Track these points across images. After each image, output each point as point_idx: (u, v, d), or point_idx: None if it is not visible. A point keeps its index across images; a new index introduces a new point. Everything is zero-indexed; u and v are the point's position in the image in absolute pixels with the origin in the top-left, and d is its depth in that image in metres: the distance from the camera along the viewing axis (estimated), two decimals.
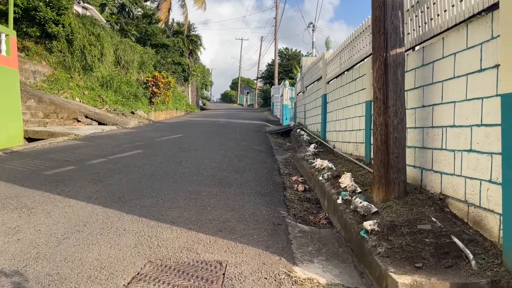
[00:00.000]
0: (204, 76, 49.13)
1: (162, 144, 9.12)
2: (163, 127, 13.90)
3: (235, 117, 22.19)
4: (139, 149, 8.14)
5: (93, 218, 3.78)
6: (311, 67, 11.34)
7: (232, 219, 3.99)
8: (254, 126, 16.35)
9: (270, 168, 7.31)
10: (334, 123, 8.34)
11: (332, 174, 5.45)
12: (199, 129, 13.47)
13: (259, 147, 9.89)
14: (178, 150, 8.38)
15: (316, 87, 10.56)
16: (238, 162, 7.42)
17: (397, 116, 3.92)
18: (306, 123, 12.40)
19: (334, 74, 8.45)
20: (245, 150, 9.13)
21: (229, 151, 8.67)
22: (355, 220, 3.80)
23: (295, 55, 41.87)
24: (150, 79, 19.89)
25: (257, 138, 11.70)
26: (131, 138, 9.92)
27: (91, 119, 12.66)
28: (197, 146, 9.17)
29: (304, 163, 7.24)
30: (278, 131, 13.28)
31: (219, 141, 10.38)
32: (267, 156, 8.73)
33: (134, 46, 20.15)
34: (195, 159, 7.36)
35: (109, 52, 17.18)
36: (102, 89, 16.25)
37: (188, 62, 29.51)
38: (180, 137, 10.82)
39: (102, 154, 7.32)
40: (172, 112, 23.17)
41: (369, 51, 6.07)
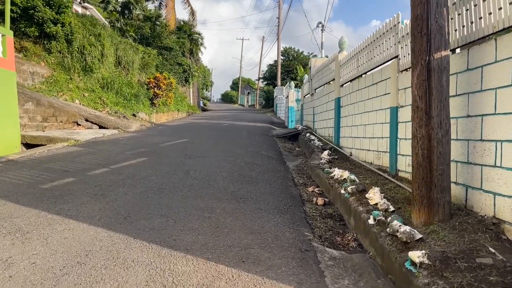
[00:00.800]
0: (205, 76, 48.63)
1: (167, 151, 8.64)
2: (166, 131, 13.43)
3: (239, 119, 21.72)
4: (143, 157, 7.67)
5: (96, 245, 3.31)
6: (321, 68, 10.87)
7: (254, 245, 3.51)
8: (260, 129, 15.88)
9: (284, 177, 6.84)
10: (350, 128, 7.87)
11: (357, 188, 4.98)
12: (203, 133, 13.00)
13: (269, 153, 9.42)
14: (184, 157, 7.90)
15: (327, 90, 10.09)
16: (249, 171, 6.95)
17: (442, 128, 3.45)
18: (315, 126, 11.93)
19: (349, 76, 7.98)
20: (254, 156, 8.66)
21: (238, 158, 8.20)
22: (395, 247, 3.33)
23: (298, 55, 41.41)
24: (151, 80, 19.42)
25: (265, 143, 11.23)
26: (134, 144, 9.44)
27: (91, 122, 12.18)
28: (204, 152, 8.70)
29: (319, 172, 6.78)
30: (285, 135, 12.81)
31: (226, 146, 9.91)
32: (278, 163, 8.26)
33: (135, 46, 19.67)
34: (203, 168, 6.89)
35: (110, 53, 16.71)
36: (103, 90, 15.78)
37: (189, 62, 29.03)
38: (185, 142, 10.34)
39: (104, 163, 6.84)
40: (174, 114, 22.70)
41: (394, 53, 5.60)
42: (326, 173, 6.54)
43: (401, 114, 5.33)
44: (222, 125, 17.04)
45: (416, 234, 3.26)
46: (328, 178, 6.19)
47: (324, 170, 6.73)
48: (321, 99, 10.99)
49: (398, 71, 5.44)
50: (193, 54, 32.22)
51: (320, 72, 11.06)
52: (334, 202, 5.51)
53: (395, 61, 5.50)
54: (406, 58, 5.14)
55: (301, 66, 32.23)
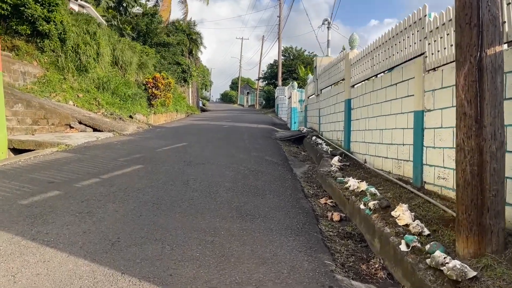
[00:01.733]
0: (204, 76, 47.98)
1: (165, 156, 8.02)
2: (164, 134, 12.80)
3: (239, 120, 21.09)
4: (138, 164, 7.05)
5: (75, 284, 2.69)
6: (329, 68, 10.26)
7: (267, 281, 2.90)
8: (262, 131, 15.26)
9: (292, 187, 6.23)
10: (363, 133, 7.26)
11: (380, 204, 4.37)
12: (203, 136, 12.37)
13: (273, 159, 8.80)
14: (183, 164, 7.28)
15: (336, 91, 9.48)
16: (254, 180, 6.34)
17: (496, 139, 2.85)
18: (321, 129, 11.33)
19: (362, 76, 7.38)
20: (258, 163, 8.05)
21: (241, 165, 7.58)
22: (441, 286, 2.72)
23: (299, 54, 40.74)
24: (149, 81, 18.78)
25: (268, 147, 10.61)
26: (130, 149, 8.81)
27: (85, 125, 11.55)
28: (205, 158, 8.08)
29: (331, 181, 6.17)
30: (289, 138, 12.19)
31: (228, 151, 9.29)
32: (284, 170, 7.65)
33: (133, 45, 19.04)
34: (204, 177, 6.27)
35: (106, 52, 16.07)
36: (98, 91, 15.14)
37: (188, 62, 28.38)
38: (184, 146, 9.72)
39: (95, 172, 6.22)
40: (172, 115, 22.05)
41: (418, 51, 4.99)
42: (340, 183, 5.94)
43: (428, 119, 4.72)
44: (222, 127, 16.42)
45: (468, 271, 2.64)
46: (342, 189, 5.59)
47: (337, 180, 6.13)
48: (328, 100, 10.38)
49: (424, 71, 4.83)
50: (193, 54, 31.56)
51: (327, 72, 10.45)
52: (351, 218, 4.90)
53: (421, 59, 4.89)
54: (435, 55, 4.52)
55: (303, 66, 31.62)
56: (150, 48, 21.65)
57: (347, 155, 7.97)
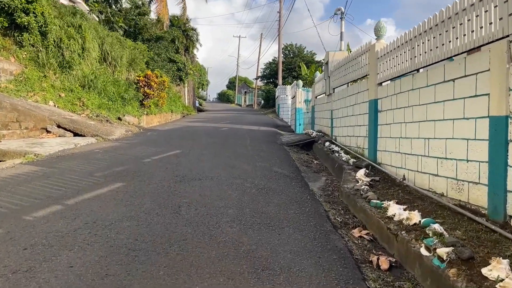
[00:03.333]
0: (201, 75, 46.52)
1: (153, 169, 6.61)
2: (155, 138, 11.37)
3: (239, 122, 19.66)
4: (118, 181, 5.64)
5: None
6: (345, 63, 8.88)
7: None
8: (265, 134, 13.86)
9: (314, 212, 4.85)
10: (396, 141, 5.89)
11: (457, 253, 2.99)
12: (200, 141, 10.96)
13: (283, 170, 7.42)
14: (175, 180, 5.88)
15: (355, 89, 8.11)
16: (265, 204, 4.95)
17: None
18: (334, 133, 9.95)
19: (395, 72, 6.01)
20: (266, 176, 6.66)
21: (246, 180, 6.19)
22: None
23: (300, 52, 39.27)
24: (141, 79, 17.34)
25: (275, 154, 9.22)
26: (112, 159, 7.39)
27: (64, 129, 10.11)
28: (201, 171, 6.68)
29: (363, 204, 4.81)
30: (297, 143, 10.82)
31: (228, 160, 7.89)
32: (299, 186, 6.28)
33: (123, 40, 17.58)
34: (201, 201, 4.88)
35: (93, 47, 14.61)
36: (83, 90, 13.68)
37: (183, 59, 26.91)
38: (177, 155, 8.31)
39: (59, 195, 4.81)
40: (167, 116, 20.61)
41: (497, 33, 3.61)
42: (376, 208, 4.57)
43: None
44: (221, 130, 15.00)
45: None
46: (382, 218, 4.21)
47: (371, 203, 4.76)
48: (344, 101, 9.00)
49: (508, 61, 3.45)
50: (188, 51, 30.07)
51: (343, 68, 9.07)
52: (405, 265, 3.52)
53: (503, 44, 3.52)
54: None
55: (304, 64, 30.20)
56: (142, 44, 20.20)
57: (373, 166, 6.60)
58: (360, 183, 5.93)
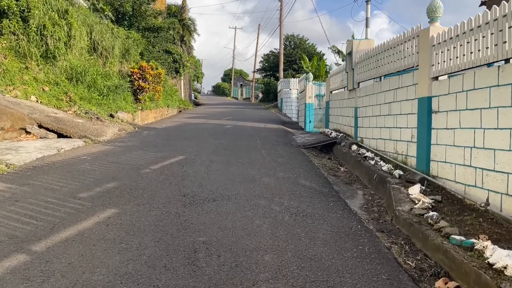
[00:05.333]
0: (197, 67, 44.89)
1: (153, 185, 5.27)
2: (153, 139, 9.98)
3: (242, 118, 18.25)
4: (109, 206, 4.30)
5: None
6: (377, 53, 7.57)
7: None
8: (274, 133, 12.51)
9: (377, 253, 3.58)
10: (466, 152, 4.62)
11: None
12: (204, 142, 9.59)
13: (311, 182, 6.13)
14: (183, 203, 4.55)
15: (394, 84, 6.81)
16: (309, 242, 3.66)
17: None
18: (359, 134, 8.66)
19: (465, 62, 4.70)
20: (295, 193, 5.36)
21: (272, 200, 4.89)
22: None
23: (301, 43, 37.70)
24: (135, 71, 15.86)
25: (294, 160, 7.90)
26: (102, 170, 6.03)
27: (47, 129, 8.70)
28: (214, 187, 5.35)
29: (437, 239, 3.61)
30: (315, 145, 9.51)
31: (244, 170, 6.56)
32: (337, 206, 5.00)
33: (115, 28, 16.05)
34: (222, 239, 3.56)
35: (80, 35, 13.09)
36: (70, 83, 12.21)
37: (180, 51, 25.36)
38: (181, 162, 6.96)
39: (26, 233, 3.46)
40: (163, 111, 19.15)
41: None
42: (463, 248, 3.35)
43: None
44: (224, 128, 13.62)
45: None
46: (482, 268, 2.96)
47: (452, 239, 3.55)
48: (375, 97, 7.70)
49: None
50: (185, 42, 28.48)
51: (374, 59, 7.75)
52: None
53: None
54: None
55: (306, 56, 28.76)
56: (136, 33, 18.65)
57: (430, 181, 5.32)
58: (420, 205, 4.66)
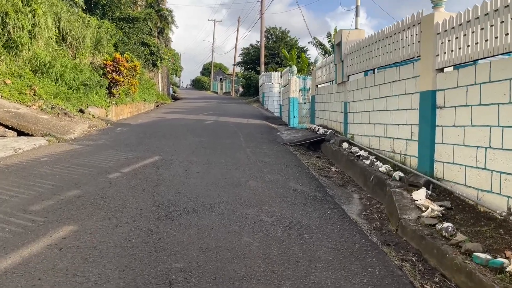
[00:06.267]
0: (175, 60, 43.60)
1: (123, 193, 4.54)
2: (127, 137, 9.16)
3: (223, 113, 17.48)
4: (66, 222, 3.56)
5: None
6: (370, 43, 7.01)
7: None
8: (258, 129, 11.85)
9: (389, 276, 3.00)
10: (480, 152, 4.10)
11: None
12: (183, 140, 8.84)
13: (302, 185, 5.52)
14: (157, 215, 3.85)
15: (390, 76, 6.27)
16: (309, 265, 3.05)
17: None
18: (350, 130, 8.12)
19: (479, 52, 4.17)
20: (286, 199, 4.75)
21: (262, 209, 4.26)
22: None
23: (283, 36, 37.02)
24: (109, 63, 14.85)
25: (282, 159, 7.28)
26: (63, 175, 5.24)
27: (5, 126, 7.78)
28: (194, 194, 4.67)
29: (457, 257, 3.06)
30: (303, 142, 8.92)
31: (228, 173, 5.89)
32: (335, 214, 4.42)
33: (85, 17, 14.98)
34: (205, 264, 2.90)
35: (46, 23, 12.03)
36: (36, 76, 11.19)
37: (157, 43, 24.29)
38: (157, 164, 6.23)
39: None
40: (139, 105, 18.19)
41: None
42: (490, 269, 2.85)
43: None
44: (205, 124, 12.85)
45: None
46: None
47: (476, 258, 3.06)
48: (368, 91, 7.15)
49: None
50: (163, 34, 27.34)
51: (367, 50, 7.19)
52: None
53: None
54: None
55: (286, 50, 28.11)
56: (110, 23, 17.58)
57: (435, 184, 4.80)
58: (428, 213, 4.13)
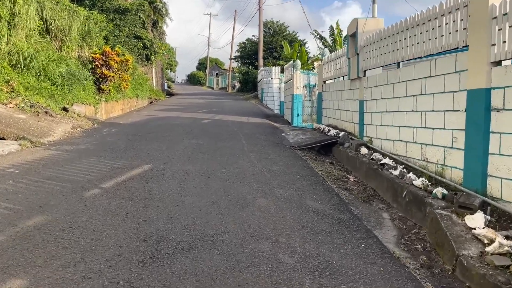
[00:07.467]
0: (170, 55, 42.35)
1: (99, 221, 3.55)
2: (114, 140, 8.12)
3: (220, 110, 16.43)
4: (10, 275, 2.58)
5: None
6: (394, 33, 6.03)
7: None
8: (260, 130, 10.85)
9: None
10: None
11: None
12: (179, 144, 7.83)
13: (321, 203, 4.56)
14: (139, 257, 2.88)
15: (421, 71, 5.30)
16: None
17: None
18: (367, 133, 7.17)
19: None
20: (306, 225, 3.78)
21: (278, 244, 3.29)
22: None
23: (281, 30, 35.88)
24: (97, 56, 13.76)
25: (292, 167, 6.29)
26: (27, 193, 4.24)
27: None
28: (190, 219, 3.69)
29: None
30: (312, 145, 7.95)
31: (231, 187, 4.90)
32: (370, 245, 3.48)
33: (72, 7, 13.86)
34: None
35: (28, 13, 10.93)
36: (14, 70, 10.12)
37: (151, 36, 23.17)
38: (145, 176, 5.22)
39: None
40: (131, 102, 17.13)
41: None
42: None
43: None
44: (202, 123, 11.82)
45: None
46: None
47: None
48: (391, 88, 6.19)
49: None
50: (156, 27, 26.19)
51: (389, 40, 6.22)
52: None
53: None
54: None
55: (287, 43, 27.10)
56: (99, 14, 16.46)
57: (489, 206, 3.86)
58: (494, 248, 3.20)
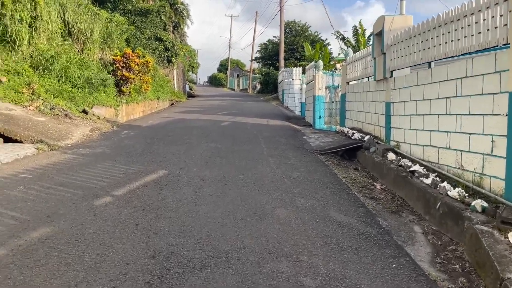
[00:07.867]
0: (192, 56, 42.55)
1: (107, 234, 3.33)
2: (131, 143, 7.98)
3: (240, 112, 16.18)
4: None
5: None
6: (422, 32, 5.60)
7: None
8: (280, 132, 10.52)
9: None
10: None
11: None
12: (196, 148, 7.60)
13: (346, 215, 4.20)
14: (146, 277, 2.62)
15: (456, 71, 4.87)
16: None
17: None
18: (394, 137, 6.74)
19: None
20: (330, 241, 3.45)
21: (299, 261, 2.97)
22: None
23: (303, 30, 35.41)
24: (118, 59, 13.79)
25: (314, 173, 5.95)
26: (37, 201, 4.07)
27: None
28: (203, 233, 3.42)
29: None
30: (335, 150, 7.58)
31: (248, 196, 4.61)
32: (402, 265, 3.13)
33: (94, 9, 13.93)
34: None
35: (50, 15, 11.00)
36: (36, 73, 10.18)
37: (172, 38, 23.21)
38: (160, 183, 5.00)
39: None
40: (152, 104, 17.13)
41: None
42: None
43: None
44: (221, 125, 11.60)
45: None
46: None
47: None
48: (421, 90, 5.76)
49: None
50: (178, 29, 26.24)
51: (419, 39, 5.78)
52: None
53: None
54: None
55: (309, 44, 26.64)
56: (121, 17, 16.53)
57: None
58: None
